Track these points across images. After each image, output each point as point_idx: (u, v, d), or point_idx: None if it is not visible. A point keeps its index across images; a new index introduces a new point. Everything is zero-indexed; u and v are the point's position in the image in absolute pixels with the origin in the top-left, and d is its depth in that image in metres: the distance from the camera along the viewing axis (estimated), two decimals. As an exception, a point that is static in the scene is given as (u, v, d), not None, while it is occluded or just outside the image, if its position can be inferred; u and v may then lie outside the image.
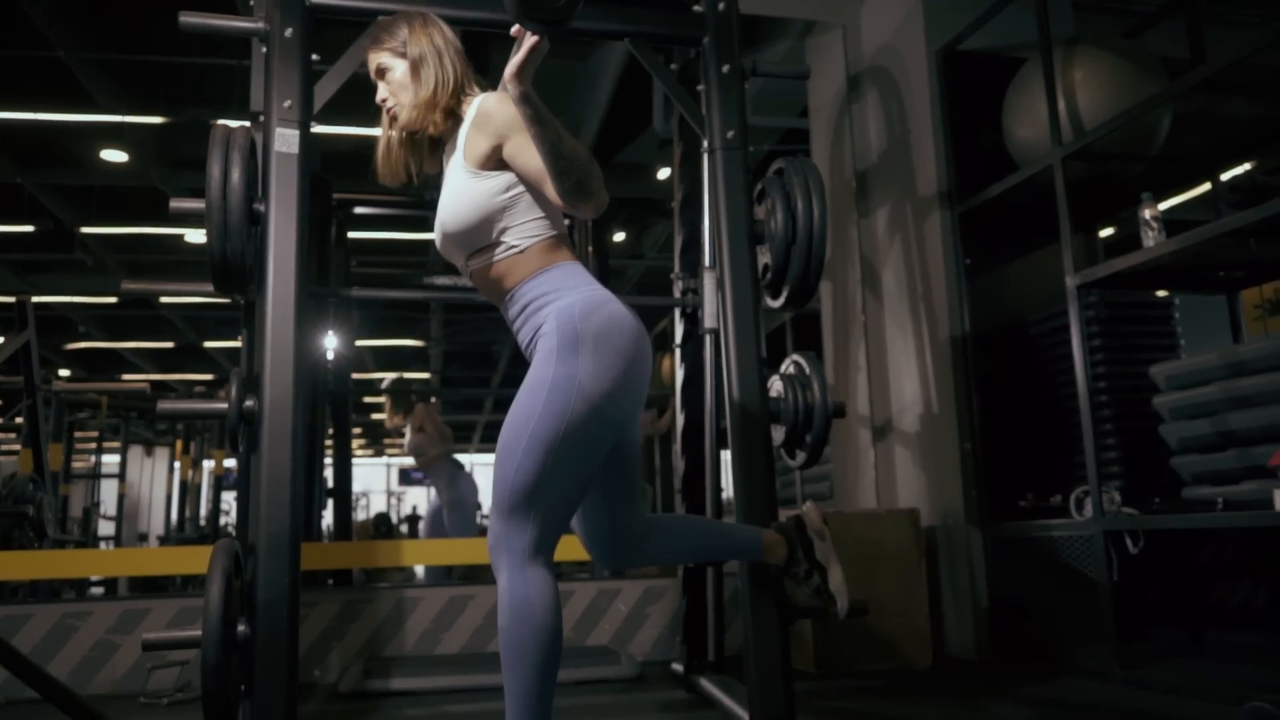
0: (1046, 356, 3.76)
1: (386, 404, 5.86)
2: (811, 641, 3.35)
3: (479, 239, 1.76)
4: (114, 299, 10.26)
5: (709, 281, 3.06)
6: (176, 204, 2.38)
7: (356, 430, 16.87)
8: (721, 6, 2.72)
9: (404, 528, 13.98)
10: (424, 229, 8.24)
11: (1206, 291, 3.90)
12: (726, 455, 2.73)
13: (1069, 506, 3.25)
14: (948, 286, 3.77)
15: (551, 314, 1.69)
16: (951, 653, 3.65)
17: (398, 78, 1.83)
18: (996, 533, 3.55)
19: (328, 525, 5.31)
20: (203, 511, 9.61)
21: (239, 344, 2.66)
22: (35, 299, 5.38)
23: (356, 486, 8.80)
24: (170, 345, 12.30)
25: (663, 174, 7.13)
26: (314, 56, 2.44)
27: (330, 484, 4.83)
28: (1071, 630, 3.29)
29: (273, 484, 2.13)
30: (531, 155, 1.66)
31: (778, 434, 2.73)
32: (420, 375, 14.42)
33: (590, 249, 5.54)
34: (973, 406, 3.66)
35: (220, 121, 2.31)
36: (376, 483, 18.79)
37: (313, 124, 2.40)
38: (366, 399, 14.08)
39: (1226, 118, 3.67)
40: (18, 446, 5.20)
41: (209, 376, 13.77)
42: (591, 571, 5.16)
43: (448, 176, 1.81)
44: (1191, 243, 2.83)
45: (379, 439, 19.09)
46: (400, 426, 5.76)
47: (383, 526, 11.51)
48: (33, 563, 3.93)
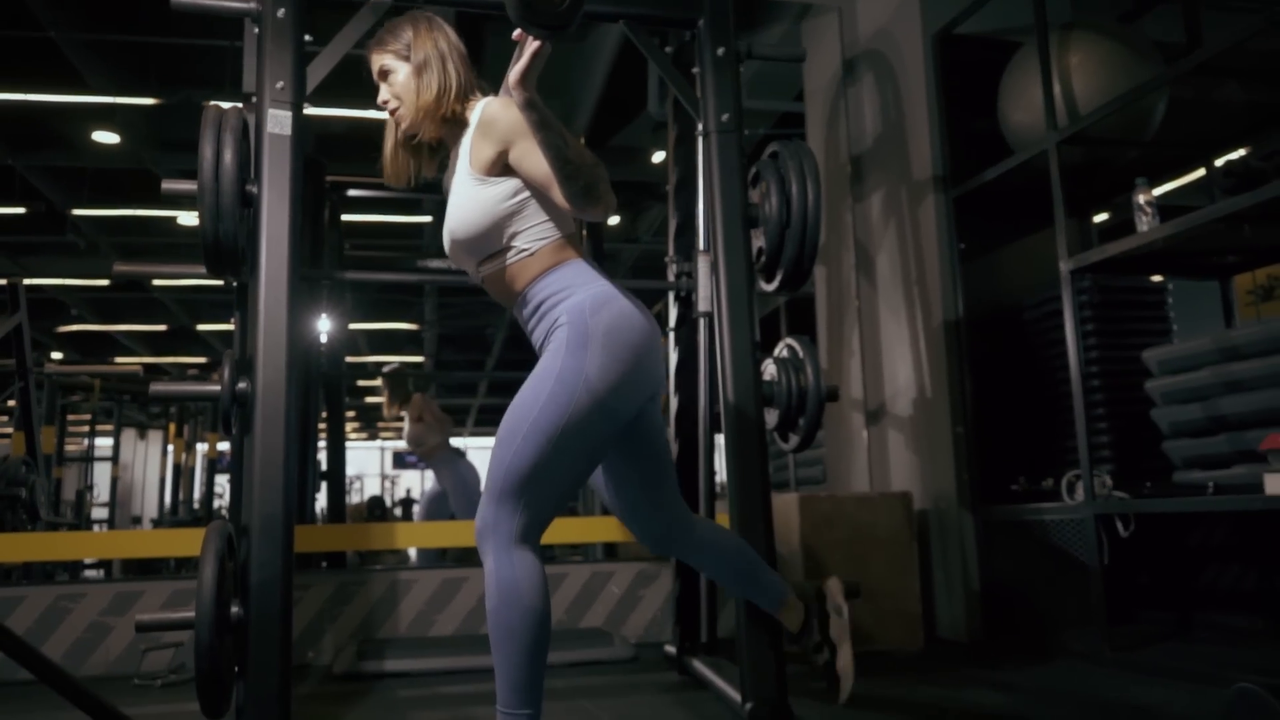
0: (1040, 341, 3.78)
1: (384, 393, 5.85)
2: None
3: (490, 245, 1.76)
4: (106, 281, 10.22)
5: (703, 265, 3.06)
6: (168, 185, 2.38)
7: (350, 414, 16.87)
8: (717, -12, 2.71)
9: (398, 511, 14.00)
10: (417, 212, 8.22)
11: (1200, 277, 3.91)
12: (720, 439, 2.73)
13: (1061, 490, 3.27)
14: (942, 271, 3.77)
15: (563, 311, 1.71)
16: (943, 635, 3.68)
17: (401, 81, 1.82)
18: (988, 516, 3.57)
19: (321, 508, 5.32)
20: (196, 495, 9.60)
21: (232, 327, 2.65)
22: (27, 281, 5.36)
23: (350, 470, 8.80)
24: (163, 328, 12.28)
25: (657, 157, 7.10)
26: (307, 37, 2.43)
27: (324, 467, 4.83)
28: (1062, 613, 3.31)
29: (266, 466, 2.13)
30: (537, 160, 1.66)
31: (771, 417, 2.73)
32: (414, 359, 14.40)
33: (584, 233, 5.52)
34: (966, 390, 3.68)
35: (213, 103, 2.30)
36: (370, 466, 18.79)
37: (306, 105, 2.38)
38: (360, 382, 14.07)
39: (1222, 103, 3.66)
40: (10, 429, 5.19)
41: (202, 359, 13.74)
42: (585, 554, 5.18)
43: (454, 184, 1.80)
44: (1185, 228, 2.83)
45: (373, 422, 19.10)
46: (398, 416, 5.76)
47: (376, 509, 11.53)
48: (26, 545, 3.93)
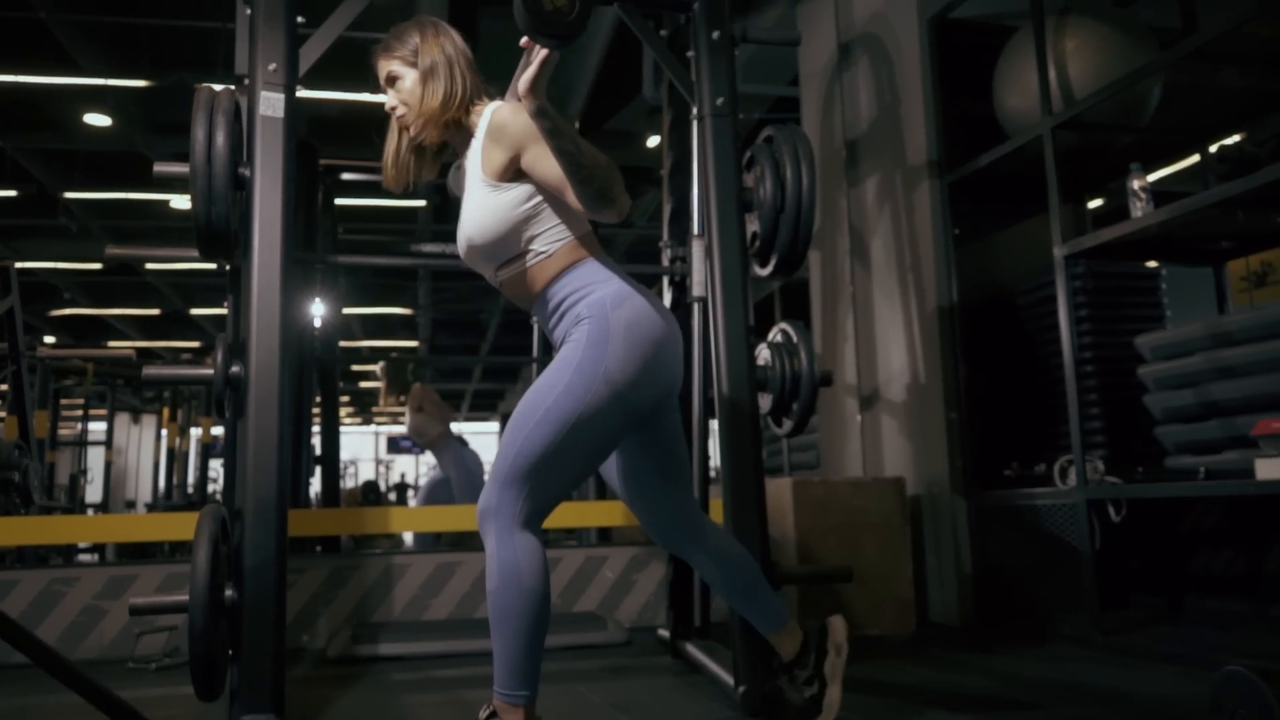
0: (1033, 326, 3.78)
1: (382, 383, 5.82)
2: (796, 608, 3.38)
3: (508, 250, 1.77)
4: (99, 265, 10.19)
5: (697, 250, 3.05)
6: (160, 168, 2.37)
7: (344, 398, 16.85)
8: (712, -29, 2.69)
9: (392, 495, 14.03)
10: (411, 196, 8.19)
11: (1193, 263, 3.91)
12: (714, 424, 2.74)
13: (1053, 475, 3.28)
14: (936, 256, 3.77)
15: (585, 306, 1.72)
16: (935, 619, 3.69)
17: (407, 86, 1.82)
18: (981, 501, 3.58)
19: (316, 493, 5.32)
20: (190, 479, 9.60)
21: (225, 310, 2.65)
22: (19, 265, 5.35)
23: (344, 454, 8.81)
24: (156, 312, 12.25)
25: (652, 141, 7.09)
26: (300, 19, 2.41)
27: (318, 452, 4.83)
28: (1054, 597, 3.33)
29: (259, 449, 2.13)
30: (550, 165, 1.66)
31: (765, 402, 2.73)
32: (409, 344, 14.39)
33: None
34: (959, 376, 3.68)
35: (204, 85, 2.28)
36: (365, 451, 18.81)
37: (299, 88, 2.37)
38: (354, 367, 14.05)
39: (1217, 88, 3.66)
40: (3, 414, 5.18)
41: (195, 343, 13.73)
42: (579, 539, 5.19)
43: (467, 191, 1.81)
44: (1179, 213, 2.83)
45: (367, 407, 19.09)
46: (396, 406, 5.73)
47: (371, 494, 11.56)
48: (19, 529, 3.93)
